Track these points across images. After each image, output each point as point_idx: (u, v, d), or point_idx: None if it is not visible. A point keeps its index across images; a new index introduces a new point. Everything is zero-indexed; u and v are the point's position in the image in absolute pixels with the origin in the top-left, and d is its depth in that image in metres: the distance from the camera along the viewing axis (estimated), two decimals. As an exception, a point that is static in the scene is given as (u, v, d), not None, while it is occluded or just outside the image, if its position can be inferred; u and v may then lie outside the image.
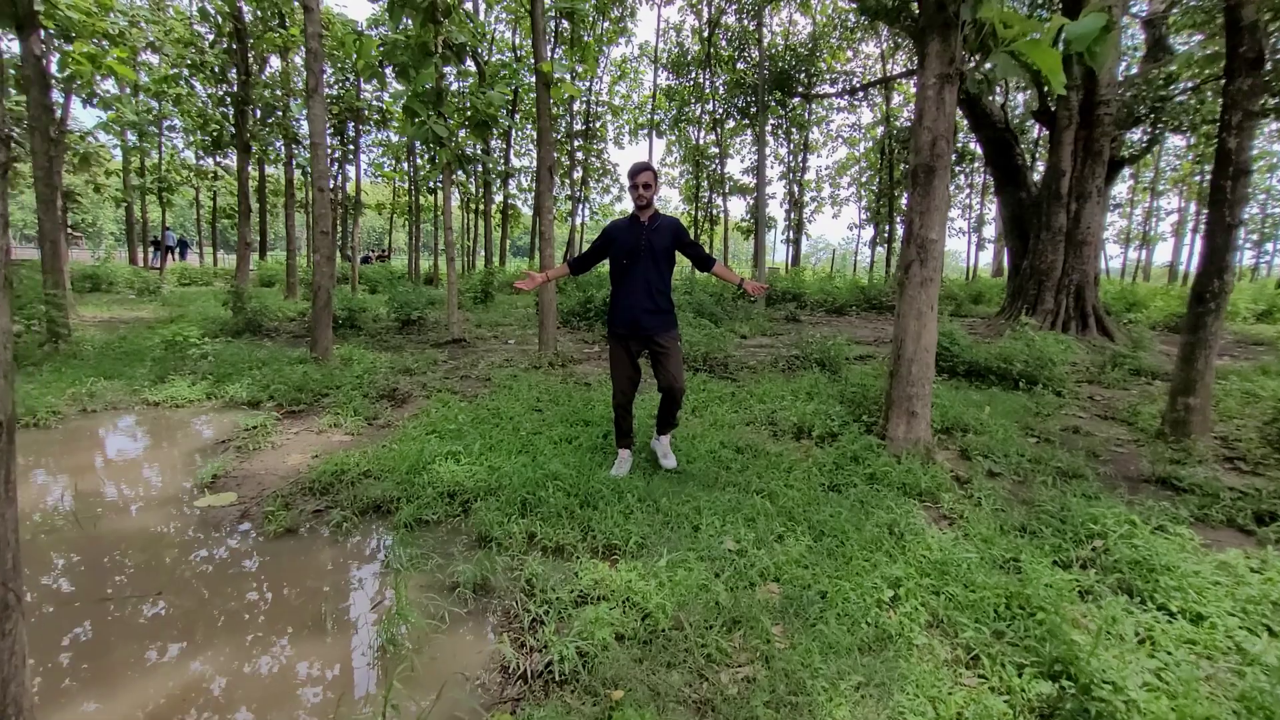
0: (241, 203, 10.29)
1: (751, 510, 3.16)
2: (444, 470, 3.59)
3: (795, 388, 5.90)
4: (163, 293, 15.04)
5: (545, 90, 7.25)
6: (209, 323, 9.89)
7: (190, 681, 2.04)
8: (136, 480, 3.77)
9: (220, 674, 2.09)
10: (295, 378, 5.70)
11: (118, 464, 4.06)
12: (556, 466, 3.60)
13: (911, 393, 4.09)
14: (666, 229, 3.60)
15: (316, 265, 6.84)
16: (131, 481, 3.75)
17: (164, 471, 3.91)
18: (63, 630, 2.29)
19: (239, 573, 2.73)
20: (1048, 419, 5.46)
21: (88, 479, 3.76)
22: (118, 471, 3.92)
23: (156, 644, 2.23)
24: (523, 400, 5.33)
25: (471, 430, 4.31)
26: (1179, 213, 27.03)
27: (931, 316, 4.05)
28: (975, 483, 3.67)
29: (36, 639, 2.21)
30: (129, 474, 3.88)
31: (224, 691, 2.01)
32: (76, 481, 3.71)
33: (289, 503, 3.33)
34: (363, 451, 3.95)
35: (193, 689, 2.00)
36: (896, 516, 3.11)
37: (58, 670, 2.08)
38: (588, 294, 11.50)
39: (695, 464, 3.88)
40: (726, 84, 20.01)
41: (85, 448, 4.32)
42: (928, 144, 3.93)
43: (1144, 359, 7.72)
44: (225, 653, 2.19)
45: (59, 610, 2.41)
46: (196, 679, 2.05)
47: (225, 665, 2.13)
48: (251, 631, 2.32)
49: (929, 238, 3.98)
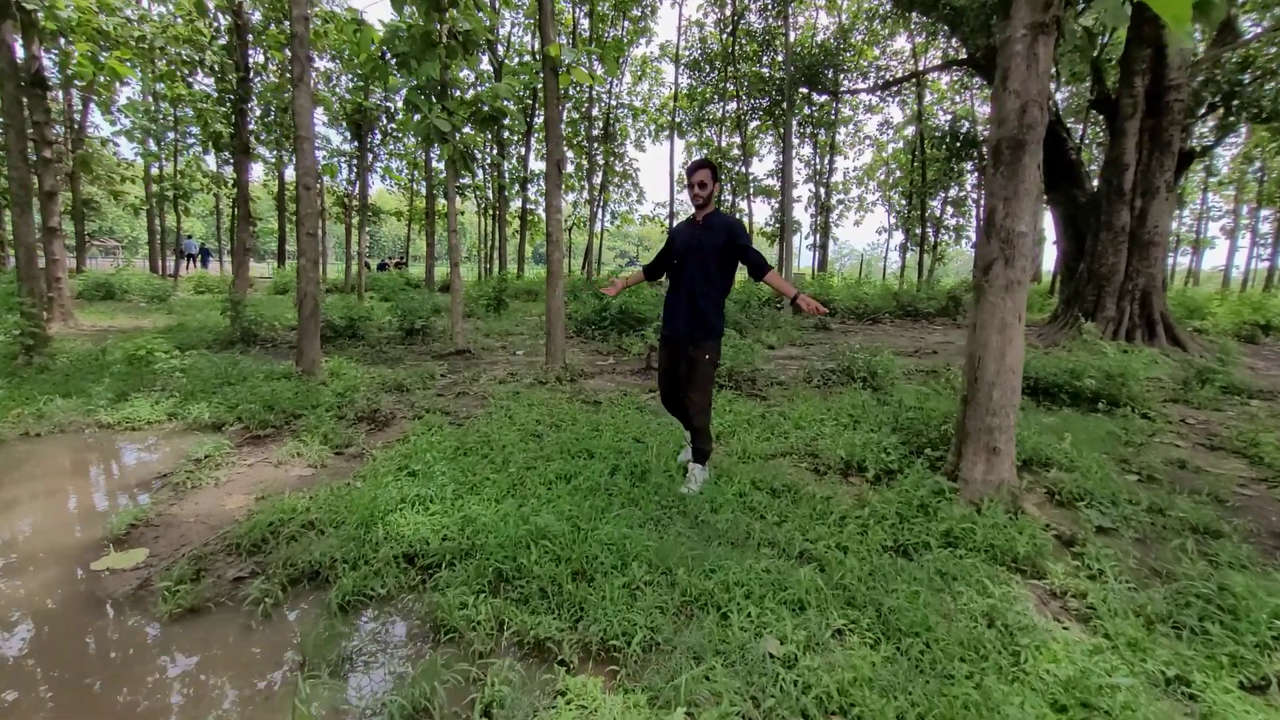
0: (241, 206, 9.82)
1: (797, 588, 2.38)
2: (406, 522, 2.87)
3: (836, 409, 5.08)
4: (170, 301, 14.71)
5: (553, 77, 6.57)
6: (204, 332, 9.41)
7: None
8: (39, 529, 3.11)
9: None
10: (269, 396, 5.07)
11: (24, 504, 3.41)
12: (547, 518, 2.86)
13: (993, 424, 3.27)
14: (720, 228, 3.35)
15: (301, 270, 6.23)
16: (32, 531, 3.10)
17: (77, 517, 3.26)
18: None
19: (94, 680, 2.02)
20: (1141, 449, 4.57)
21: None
22: (20, 515, 3.27)
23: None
24: (520, 424, 4.61)
25: (447, 467, 3.58)
26: (1232, 214, 25.45)
27: (1018, 329, 3.24)
28: (1085, 544, 2.84)
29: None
30: (33, 519, 3.22)
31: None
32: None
33: (204, 567, 2.63)
34: (315, 494, 3.26)
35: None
36: (996, 601, 2.30)
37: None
38: (603, 300, 10.79)
39: (721, 513, 3.11)
40: (750, 79, 19.23)
41: (2, 483, 3.70)
42: (1015, 112, 3.13)
43: (1234, 374, 6.75)
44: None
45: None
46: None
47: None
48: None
49: (1016, 230, 3.17)
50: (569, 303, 12.88)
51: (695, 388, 3.38)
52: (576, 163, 26.40)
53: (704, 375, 3.37)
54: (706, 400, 3.42)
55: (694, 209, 3.47)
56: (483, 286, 16.15)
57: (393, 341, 9.25)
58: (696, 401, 3.39)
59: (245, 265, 10.18)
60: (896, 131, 25.35)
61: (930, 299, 15.65)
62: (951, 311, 15.09)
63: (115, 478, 3.85)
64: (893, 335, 11.57)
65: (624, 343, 8.94)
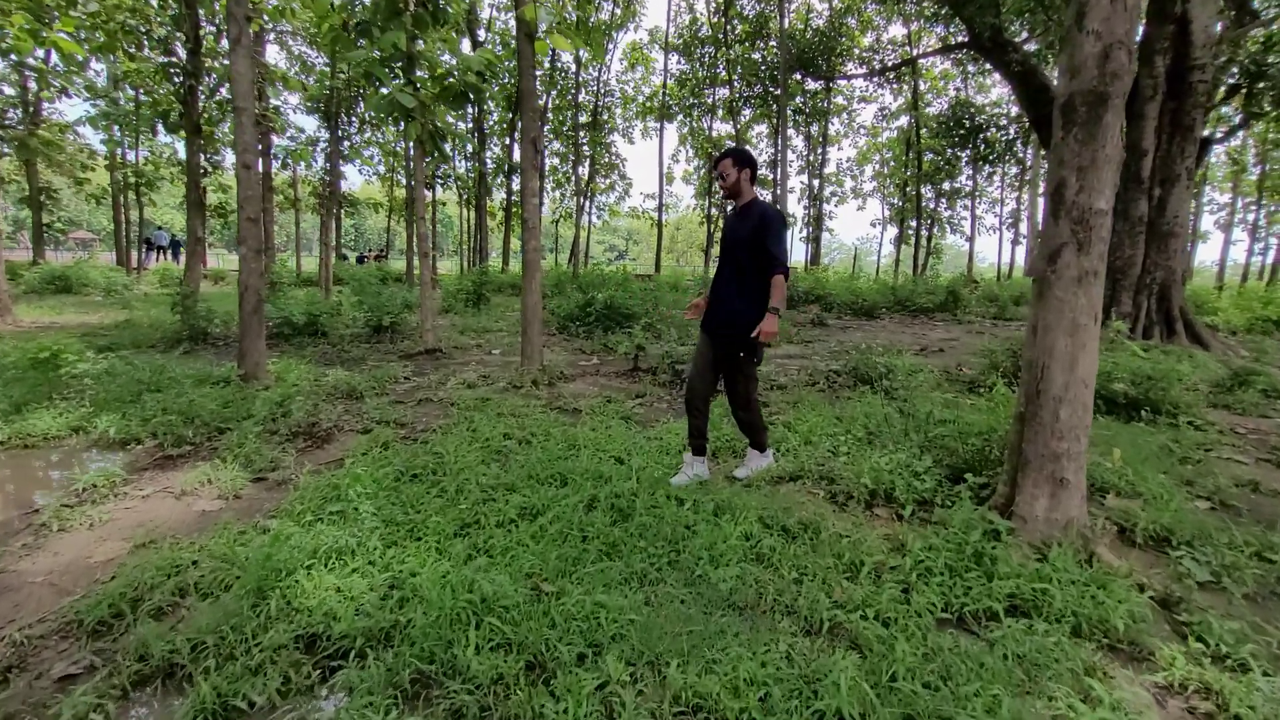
0: (191, 192, 9.00)
1: (833, 693, 1.73)
2: (314, 587, 2.19)
3: (848, 418, 4.45)
4: (129, 295, 13.82)
5: (528, 44, 5.85)
6: (153, 330, 8.62)
7: None
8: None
9: None
10: (191, 406, 4.34)
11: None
12: (498, 580, 2.18)
13: (1059, 449, 2.63)
14: (752, 218, 3.26)
15: (243, 260, 5.48)
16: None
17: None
18: None
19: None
20: (1199, 466, 3.97)
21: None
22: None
23: None
24: (483, 439, 3.93)
25: (385, 501, 2.89)
26: (1228, 208, 25.12)
27: (1093, 332, 2.60)
28: (1192, 609, 2.21)
29: None
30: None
31: None
32: None
33: (25, 658, 1.94)
34: (209, 541, 2.56)
35: None
36: (1109, 717, 1.66)
37: None
38: (589, 295, 10.09)
39: (723, 566, 2.45)
40: (743, 64, 18.53)
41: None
42: (1094, 57, 2.48)
43: (1275, 375, 6.20)
44: None
45: None
46: None
47: None
48: None
49: (1094, 208, 2.52)
50: (551, 297, 12.16)
51: (732, 381, 3.40)
52: (563, 153, 25.60)
53: (737, 368, 3.34)
54: (744, 395, 3.38)
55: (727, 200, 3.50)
56: (463, 280, 15.37)
57: (358, 340, 8.51)
58: (735, 396, 3.42)
59: (198, 257, 9.36)
60: (888, 120, 24.75)
61: (929, 294, 15.10)
62: (951, 307, 14.55)
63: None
64: (893, 332, 10.98)
65: (610, 341, 8.25)
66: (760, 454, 3.57)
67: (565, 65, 23.72)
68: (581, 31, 7.67)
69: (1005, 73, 11.45)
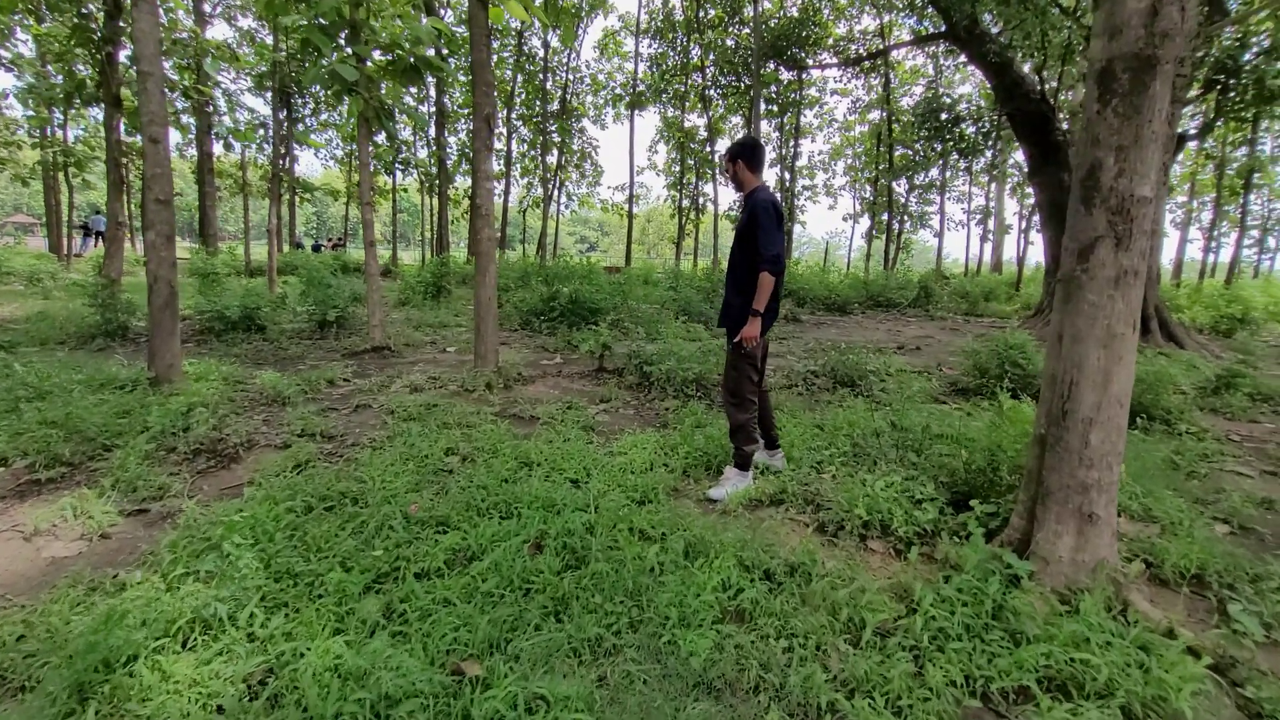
0: (111, 171, 8.16)
1: (845, 835, 1.28)
2: (159, 679, 1.66)
3: (831, 427, 4.04)
4: (49, 285, 12.71)
5: (481, 9, 5.27)
6: (69, 324, 7.78)
7: None
8: None
9: None
10: (74, 419, 3.70)
11: None
12: (408, 667, 1.69)
13: (1088, 479, 2.24)
14: (746, 209, 3.19)
15: (150, 248, 4.80)
16: None
17: None
18: None
19: None
20: (1206, 481, 3.68)
21: None
22: None
23: None
24: (421, 456, 3.40)
25: (280, 542, 2.34)
26: (1184, 208, 25.70)
27: (1130, 342, 2.20)
28: (1255, 678, 1.84)
29: None
30: None
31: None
32: None
33: None
34: (48, 603, 2.00)
35: None
36: None
37: None
38: (553, 288, 9.54)
39: (696, 628, 1.99)
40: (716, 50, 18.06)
41: None
42: (1141, 13, 2.07)
43: (1260, 378, 6.03)
44: None
45: None
46: None
47: None
48: None
49: (1136, 195, 2.12)
50: (515, 290, 11.56)
51: (726, 370, 3.29)
52: (531, 139, 24.81)
53: (729, 363, 3.26)
54: (731, 391, 3.23)
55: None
56: (423, 271, 14.62)
57: (299, 337, 7.81)
58: (725, 384, 3.30)
59: (119, 242, 8.50)
60: (861, 115, 24.57)
61: (901, 289, 14.94)
62: (923, 303, 14.41)
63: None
64: (867, 328, 10.70)
65: (575, 338, 7.73)
66: (740, 473, 3.25)
67: (533, 50, 22.94)
68: (550, 12, 7.07)
69: (982, 64, 11.22)
